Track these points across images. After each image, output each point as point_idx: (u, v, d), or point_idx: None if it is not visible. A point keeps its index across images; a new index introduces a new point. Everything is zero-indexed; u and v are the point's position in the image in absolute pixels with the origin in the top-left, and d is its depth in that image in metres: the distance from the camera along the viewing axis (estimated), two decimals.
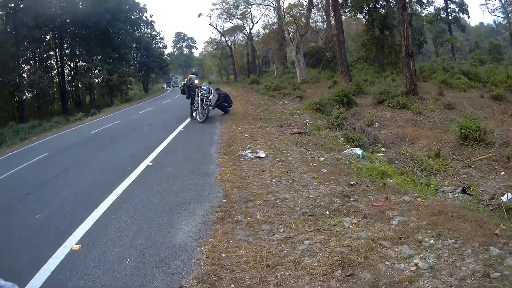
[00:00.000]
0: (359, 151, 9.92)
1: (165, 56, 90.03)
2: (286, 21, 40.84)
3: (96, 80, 57.25)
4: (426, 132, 17.02)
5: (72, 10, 50.45)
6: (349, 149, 10.24)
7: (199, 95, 15.29)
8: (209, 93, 15.75)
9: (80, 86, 56.72)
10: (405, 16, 22.88)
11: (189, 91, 16.44)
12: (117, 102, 46.95)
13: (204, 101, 15.26)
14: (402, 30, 23.21)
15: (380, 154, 11.58)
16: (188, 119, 16.47)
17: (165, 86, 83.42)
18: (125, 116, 25.65)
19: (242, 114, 16.79)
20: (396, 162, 11.13)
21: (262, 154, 8.96)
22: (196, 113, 15.71)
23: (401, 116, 19.74)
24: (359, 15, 44.19)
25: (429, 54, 62.26)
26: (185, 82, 17.22)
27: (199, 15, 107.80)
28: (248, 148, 9.67)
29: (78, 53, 56.27)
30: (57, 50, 53.43)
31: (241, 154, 9.16)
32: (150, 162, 9.26)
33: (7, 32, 44.95)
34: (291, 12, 40.26)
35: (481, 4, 58.25)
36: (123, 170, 8.78)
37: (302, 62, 39.72)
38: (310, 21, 41.66)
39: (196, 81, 16.50)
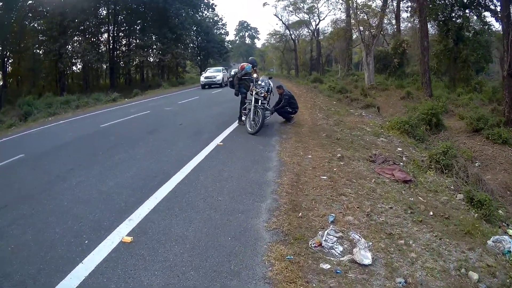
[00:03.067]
0: None
1: (226, 43, 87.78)
2: (358, 18, 36.91)
3: (151, 60, 54.34)
4: None
5: None
6: (495, 238, 5.31)
7: (254, 93, 10.65)
8: (268, 91, 11.15)
9: (131, 63, 53.90)
10: (510, 26, 17.85)
11: (239, 85, 11.64)
12: (165, 85, 43.30)
13: (260, 103, 10.59)
14: (506, 43, 18.23)
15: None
16: (235, 124, 11.87)
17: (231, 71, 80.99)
18: (162, 104, 21.35)
19: (309, 126, 11.92)
20: None
21: (365, 257, 4.20)
22: (246, 119, 10.94)
23: (505, 155, 15.19)
24: (430, 24, 39.69)
25: (492, 74, 56.47)
26: (235, 72, 12.16)
27: (264, 4, 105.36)
28: (331, 223, 4.96)
29: (132, 29, 54.02)
30: (112, 25, 51.54)
31: (321, 245, 4.41)
32: (127, 235, 4.54)
33: (56, 0, 43.02)
34: (365, 9, 36.61)
35: None
36: (63, 254, 4.30)
37: (372, 65, 35.96)
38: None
39: (255, 75, 11.59)
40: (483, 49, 34.91)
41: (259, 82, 11.04)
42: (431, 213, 5.80)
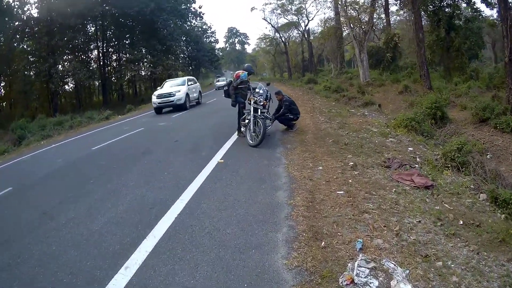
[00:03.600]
0: None
1: (216, 50, 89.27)
2: (348, 15, 36.56)
3: (142, 73, 53.82)
4: None
5: None
6: None
7: (252, 102, 10.00)
8: (267, 98, 10.46)
9: (122, 78, 53.60)
10: (508, 12, 17.53)
11: (236, 94, 10.93)
12: None
13: (259, 112, 9.96)
14: (504, 29, 17.79)
15: None
16: (234, 136, 11.15)
17: (215, 81, 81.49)
18: (155, 119, 20.46)
19: (313, 132, 11.22)
20: None
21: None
22: (246, 130, 10.22)
23: None
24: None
25: (484, 60, 56.41)
26: (231, 80, 11.37)
27: (252, 8, 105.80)
28: (360, 251, 4.29)
29: (121, 44, 53.83)
30: (101, 41, 51.72)
31: (353, 282, 3.76)
32: None
33: (42, 20, 42.80)
34: (354, 6, 36.34)
35: None
36: None
37: (366, 62, 35.46)
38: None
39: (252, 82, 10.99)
40: (475, 36, 34.95)
41: (257, 90, 10.36)
42: (461, 222, 5.20)
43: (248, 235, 4.75)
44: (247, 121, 10.16)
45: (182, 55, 70.76)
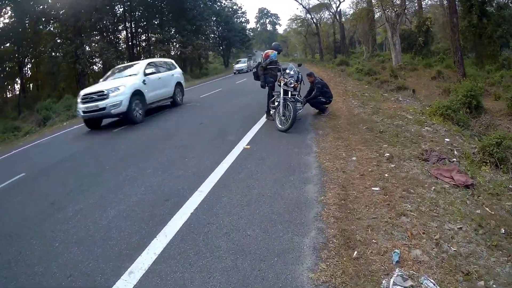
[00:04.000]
0: None
1: (247, 31, 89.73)
2: None
3: (172, 53, 53.29)
4: None
5: None
6: None
7: (282, 84, 9.35)
8: (298, 80, 9.80)
9: (152, 57, 53.54)
10: None
11: (265, 76, 10.25)
12: (188, 77, 42.21)
13: (289, 95, 9.28)
14: None
15: None
16: (263, 120, 10.58)
17: (234, 63, 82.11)
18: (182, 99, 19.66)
19: (346, 117, 10.53)
20: None
21: None
22: (275, 113, 9.62)
23: None
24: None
25: None
26: (259, 62, 10.66)
27: None
28: (396, 264, 3.64)
29: (150, 24, 53.95)
30: (129, 22, 51.55)
31: None
32: None
33: (67, 2, 42.44)
34: None
35: None
36: None
37: (398, 45, 34.70)
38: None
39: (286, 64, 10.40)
40: (507, 24, 33.80)
41: (287, 71, 9.71)
42: (503, 231, 4.50)
43: (271, 239, 4.10)
44: (276, 103, 9.58)
45: (212, 35, 71.00)
